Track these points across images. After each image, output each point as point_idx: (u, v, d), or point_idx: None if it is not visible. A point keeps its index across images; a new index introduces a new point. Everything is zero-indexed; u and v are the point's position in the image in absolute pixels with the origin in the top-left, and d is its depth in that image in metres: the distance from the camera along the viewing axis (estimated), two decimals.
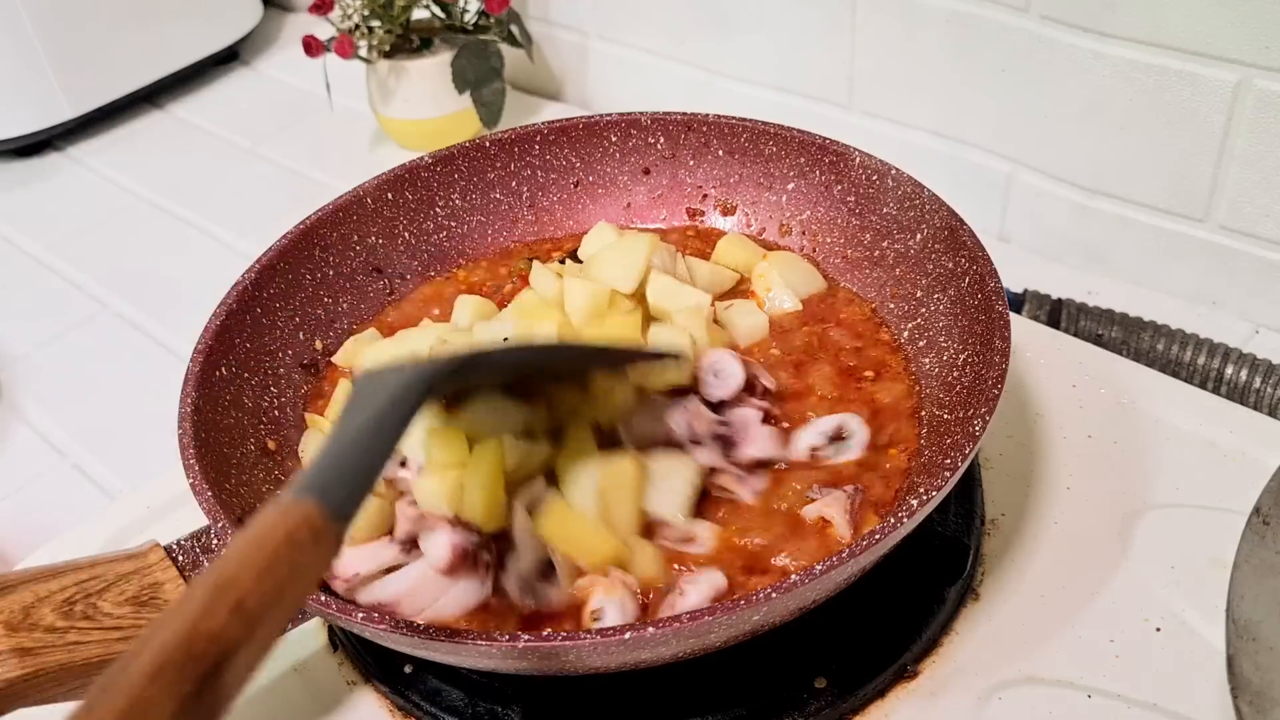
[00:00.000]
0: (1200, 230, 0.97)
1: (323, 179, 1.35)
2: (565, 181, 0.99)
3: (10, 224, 1.37)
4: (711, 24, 1.23)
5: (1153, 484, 0.80)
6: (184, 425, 0.71)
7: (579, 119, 0.97)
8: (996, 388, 0.67)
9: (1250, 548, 0.64)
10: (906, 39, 1.07)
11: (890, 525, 0.59)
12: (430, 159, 0.95)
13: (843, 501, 0.70)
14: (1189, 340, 0.92)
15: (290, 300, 0.87)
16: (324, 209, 0.90)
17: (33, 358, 1.15)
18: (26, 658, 0.57)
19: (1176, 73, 0.90)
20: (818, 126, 0.92)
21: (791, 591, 0.57)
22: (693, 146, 0.96)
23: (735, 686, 0.67)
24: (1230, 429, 0.83)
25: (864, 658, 0.69)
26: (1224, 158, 0.92)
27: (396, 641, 0.60)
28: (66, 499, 0.98)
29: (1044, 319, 0.99)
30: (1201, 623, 0.70)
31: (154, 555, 0.63)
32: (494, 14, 1.28)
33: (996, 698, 0.68)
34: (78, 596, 0.59)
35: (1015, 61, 1.01)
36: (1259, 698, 0.57)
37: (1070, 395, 0.87)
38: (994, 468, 0.82)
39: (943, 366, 0.78)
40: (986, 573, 0.75)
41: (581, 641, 0.56)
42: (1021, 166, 1.07)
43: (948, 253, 0.80)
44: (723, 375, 0.75)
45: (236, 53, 1.66)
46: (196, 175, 1.42)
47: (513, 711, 0.69)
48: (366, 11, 1.27)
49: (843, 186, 0.90)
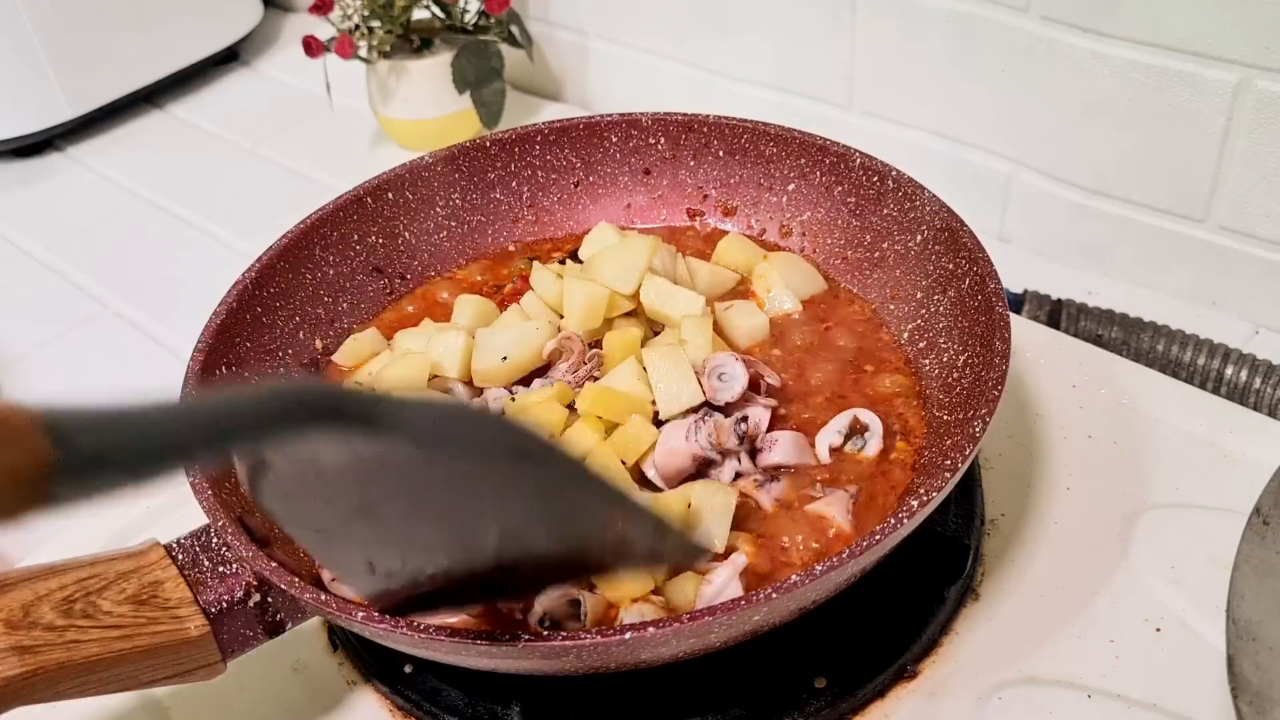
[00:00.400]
0: (1200, 231, 0.97)
1: (323, 179, 1.35)
2: (565, 182, 0.99)
3: (10, 224, 1.37)
4: (712, 24, 1.23)
5: (1153, 484, 0.80)
6: None
7: (579, 119, 0.97)
8: (996, 389, 0.67)
9: (1250, 548, 0.64)
10: (906, 39, 1.07)
11: (890, 526, 0.59)
12: (430, 159, 0.95)
13: (844, 501, 0.71)
14: (1189, 341, 0.92)
15: (290, 300, 0.87)
16: (324, 209, 0.90)
17: (33, 358, 1.15)
18: (26, 656, 0.56)
19: (1176, 73, 0.90)
20: (817, 126, 0.92)
21: (792, 592, 0.57)
22: (693, 147, 0.96)
23: (735, 686, 0.67)
24: (1230, 429, 0.83)
25: (864, 658, 0.69)
26: (1224, 158, 0.92)
27: (397, 641, 0.60)
28: None
29: (1044, 319, 0.99)
30: (1201, 623, 0.70)
31: (154, 554, 0.63)
32: (494, 14, 1.28)
33: (996, 698, 0.68)
34: (77, 595, 0.59)
35: (1015, 62, 1.01)
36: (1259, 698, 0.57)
37: (1070, 395, 0.87)
38: (994, 468, 0.82)
39: (943, 368, 0.78)
40: (986, 573, 0.75)
41: (582, 642, 0.56)
42: (1021, 166, 1.07)
43: (948, 254, 0.80)
44: (727, 378, 0.75)
45: (236, 53, 1.66)
46: (196, 175, 1.41)
47: (513, 711, 0.69)
48: (366, 12, 1.27)
49: (843, 188, 0.90)
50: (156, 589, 0.62)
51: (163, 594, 0.62)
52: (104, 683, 0.60)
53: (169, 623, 0.61)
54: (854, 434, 0.75)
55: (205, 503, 0.66)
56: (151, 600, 0.61)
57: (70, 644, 0.57)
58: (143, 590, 0.61)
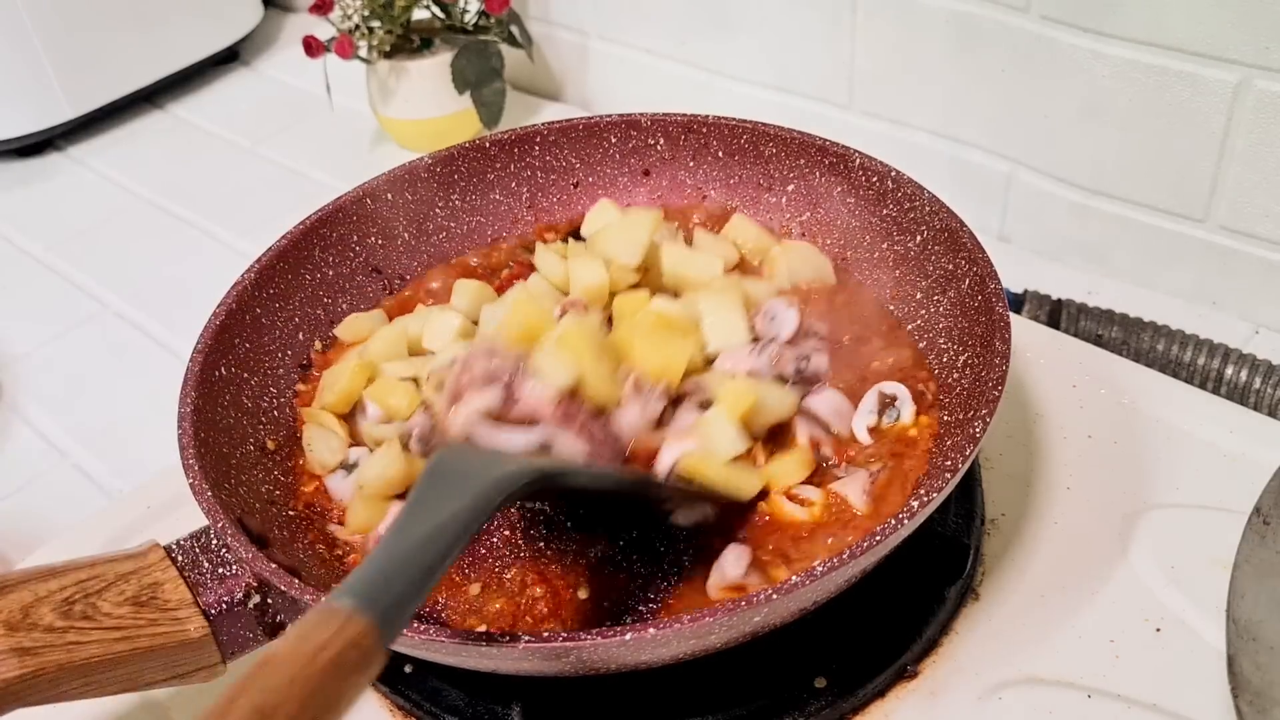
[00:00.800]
0: (1200, 230, 0.97)
1: (323, 179, 1.35)
2: (565, 182, 0.99)
3: (10, 224, 1.37)
4: (712, 24, 1.23)
5: (1153, 484, 0.80)
6: (184, 425, 0.71)
7: (579, 120, 0.97)
8: (996, 390, 0.66)
9: (1250, 548, 0.64)
10: (906, 39, 1.07)
11: (890, 527, 0.59)
12: (430, 159, 0.95)
13: (862, 481, 0.72)
14: (1189, 340, 0.92)
15: (290, 300, 0.87)
16: (324, 209, 0.90)
17: (33, 358, 1.15)
18: (26, 657, 0.56)
19: (1176, 73, 0.90)
20: (817, 127, 0.92)
21: (792, 593, 0.57)
22: (692, 148, 0.96)
23: (735, 686, 0.67)
24: (1230, 429, 0.83)
25: (864, 657, 0.69)
26: (1224, 158, 0.92)
27: (396, 642, 0.60)
28: (66, 499, 0.98)
29: (1044, 319, 0.99)
30: (1202, 623, 0.70)
31: (153, 555, 0.63)
32: (494, 14, 1.28)
33: (996, 697, 0.68)
34: (77, 596, 0.59)
35: (1015, 61, 1.01)
36: (1259, 698, 0.57)
37: (1070, 395, 0.87)
38: (994, 468, 0.82)
39: (943, 368, 0.78)
40: (986, 573, 0.75)
41: (581, 643, 0.56)
42: (1021, 166, 1.07)
43: (948, 254, 0.80)
44: (778, 320, 0.79)
45: (237, 53, 1.66)
46: (196, 175, 1.42)
47: (513, 711, 0.68)
48: (367, 12, 1.27)
49: (843, 188, 0.90)
50: (156, 590, 0.62)
51: (162, 595, 0.62)
52: (104, 684, 0.60)
53: (169, 624, 0.61)
54: (885, 408, 0.76)
55: (205, 504, 0.66)
56: (151, 602, 0.61)
57: (70, 645, 0.57)
58: (142, 592, 0.61)
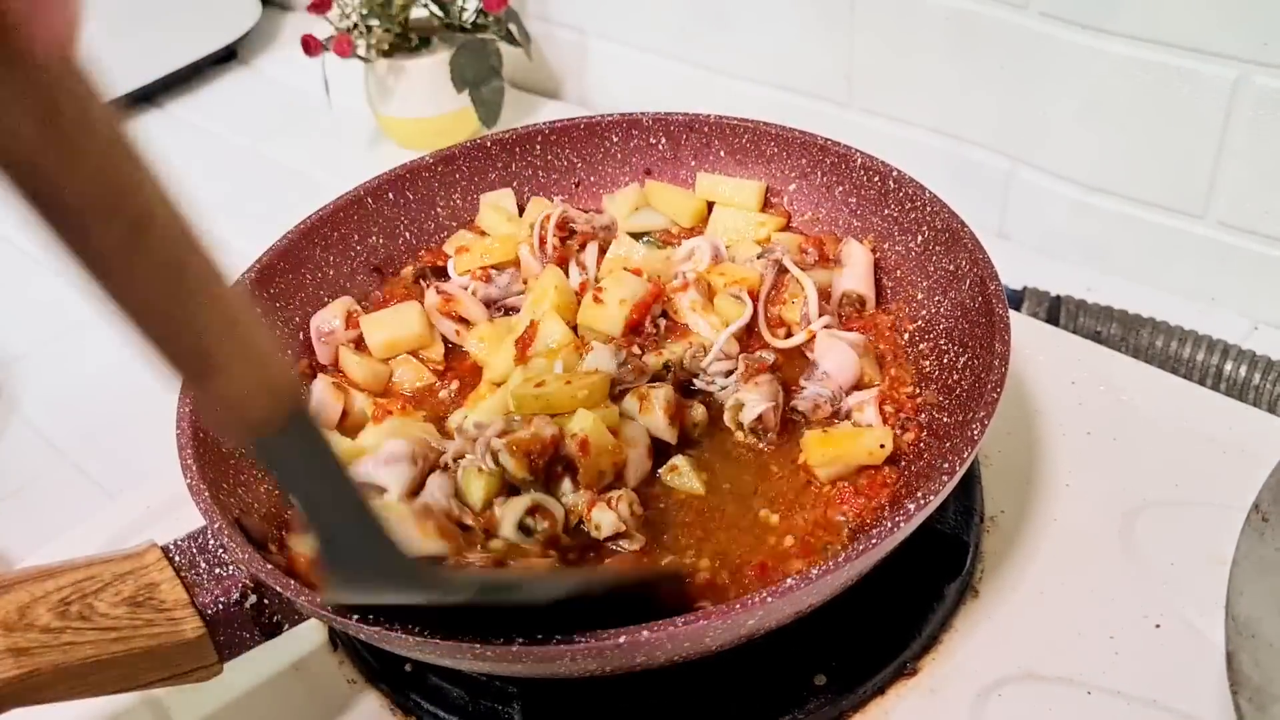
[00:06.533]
0: (1199, 227, 0.97)
1: (322, 178, 1.35)
2: (566, 182, 0.99)
3: (10, 224, 1.36)
4: (711, 22, 1.22)
5: (1152, 481, 0.80)
6: (183, 425, 0.71)
7: (580, 119, 0.97)
8: (995, 391, 0.66)
9: (1249, 544, 0.63)
10: (905, 37, 1.07)
11: (886, 530, 0.59)
12: (431, 159, 0.95)
13: (873, 397, 0.77)
14: (1188, 337, 0.92)
15: (290, 300, 0.87)
16: (324, 209, 0.90)
17: (33, 358, 1.15)
18: (22, 658, 0.56)
19: (1175, 69, 0.90)
20: (817, 124, 0.92)
21: (787, 595, 0.57)
22: (694, 147, 0.96)
23: (735, 684, 0.67)
24: (1229, 425, 0.83)
25: (863, 655, 0.69)
26: (1223, 154, 0.91)
27: (394, 644, 0.60)
28: (66, 499, 0.98)
29: (1043, 316, 0.98)
30: (1201, 619, 0.70)
31: (151, 555, 0.63)
32: (492, 12, 1.28)
33: (996, 695, 0.68)
34: (74, 597, 0.59)
35: (1014, 59, 1.01)
36: (1258, 694, 0.57)
37: (1069, 392, 0.87)
38: (993, 465, 0.82)
39: (943, 369, 0.78)
40: (986, 570, 0.75)
41: (576, 646, 0.56)
42: (1021, 163, 1.06)
43: (948, 255, 0.80)
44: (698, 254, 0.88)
45: (235, 52, 1.66)
46: (196, 175, 1.41)
47: (513, 711, 0.69)
48: (365, 10, 1.27)
49: (844, 188, 0.90)
50: (153, 591, 0.62)
51: (159, 596, 0.62)
52: (101, 684, 0.60)
53: (165, 625, 0.61)
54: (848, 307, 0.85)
55: (202, 505, 0.66)
56: (148, 602, 0.61)
57: (66, 646, 0.58)
58: (139, 592, 0.61)
